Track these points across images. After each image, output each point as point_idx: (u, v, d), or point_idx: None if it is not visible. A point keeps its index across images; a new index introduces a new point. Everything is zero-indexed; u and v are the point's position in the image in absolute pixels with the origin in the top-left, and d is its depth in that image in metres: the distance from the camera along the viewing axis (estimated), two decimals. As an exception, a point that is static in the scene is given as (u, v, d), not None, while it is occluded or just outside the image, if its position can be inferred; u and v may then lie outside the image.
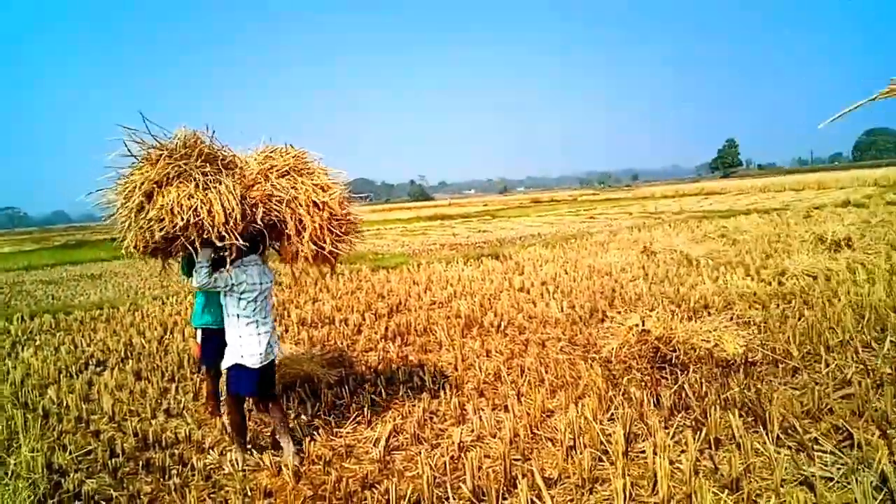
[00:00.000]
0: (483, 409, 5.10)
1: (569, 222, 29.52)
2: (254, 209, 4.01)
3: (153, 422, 5.50)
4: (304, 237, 4.18)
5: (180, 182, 3.72)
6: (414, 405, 5.34)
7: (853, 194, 29.93)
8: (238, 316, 4.28)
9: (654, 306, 8.04)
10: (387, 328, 8.37)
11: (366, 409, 5.34)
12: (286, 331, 8.73)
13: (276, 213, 4.15)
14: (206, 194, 3.72)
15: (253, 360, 4.30)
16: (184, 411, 5.77)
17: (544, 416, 4.92)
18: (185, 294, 12.59)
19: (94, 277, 19.02)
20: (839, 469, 3.66)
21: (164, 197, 3.67)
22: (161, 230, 3.68)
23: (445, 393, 5.56)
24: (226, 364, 4.40)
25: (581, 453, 4.00)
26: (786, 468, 3.68)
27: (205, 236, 3.75)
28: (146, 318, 10.44)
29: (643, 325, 5.92)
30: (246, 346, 4.29)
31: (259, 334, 4.32)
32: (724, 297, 8.43)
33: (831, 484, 3.54)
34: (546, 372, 5.89)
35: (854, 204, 23.89)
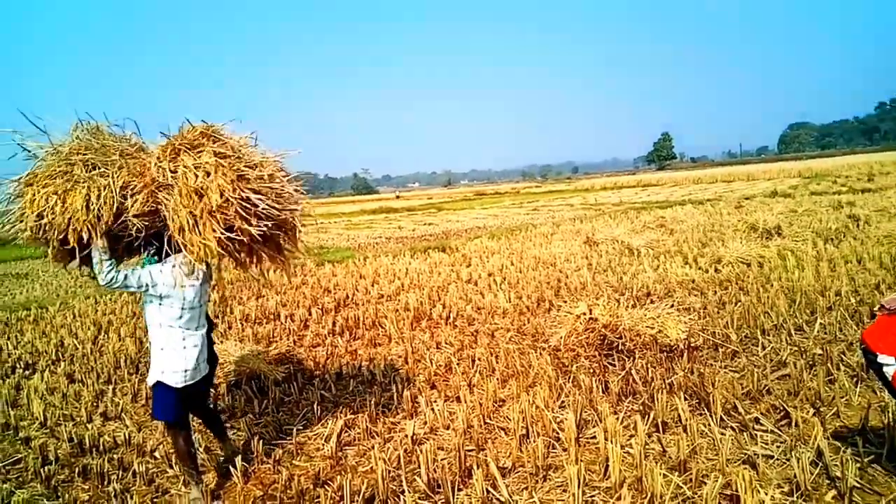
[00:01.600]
0: (435, 401, 5.08)
1: (513, 214, 29.83)
2: (134, 199, 3.46)
3: (89, 426, 5.23)
4: (202, 223, 3.42)
5: (51, 180, 3.40)
6: (365, 399, 5.27)
7: (780, 185, 31.47)
8: (160, 325, 3.66)
9: (599, 295, 8.21)
10: (334, 323, 8.24)
11: (315, 406, 5.23)
12: (229, 328, 8.47)
13: (158, 200, 3.51)
14: (70, 189, 3.37)
15: (175, 379, 3.66)
16: (122, 414, 5.51)
17: (496, 405, 4.94)
18: (122, 292, 12.03)
19: (20, 276, 17.98)
20: (779, 447, 3.82)
21: (24, 197, 3.43)
22: (25, 231, 3.42)
23: (397, 386, 5.51)
24: (148, 381, 3.75)
25: (534, 441, 4.04)
26: (730, 448, 3.82)
27: (61, 236, 3.40)
28: (78, 318, 9.92)
29: (590, 313, 6.02)
30: (168, 360, 3.66)
31: (185, 348, 3.68)
32: (665, 284, 8.69)
33: (772, 461, 3.69)
34: (496, 362, 5.92)
35: (781, 194, 25.07)
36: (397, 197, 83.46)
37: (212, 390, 5.15)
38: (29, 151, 3.56)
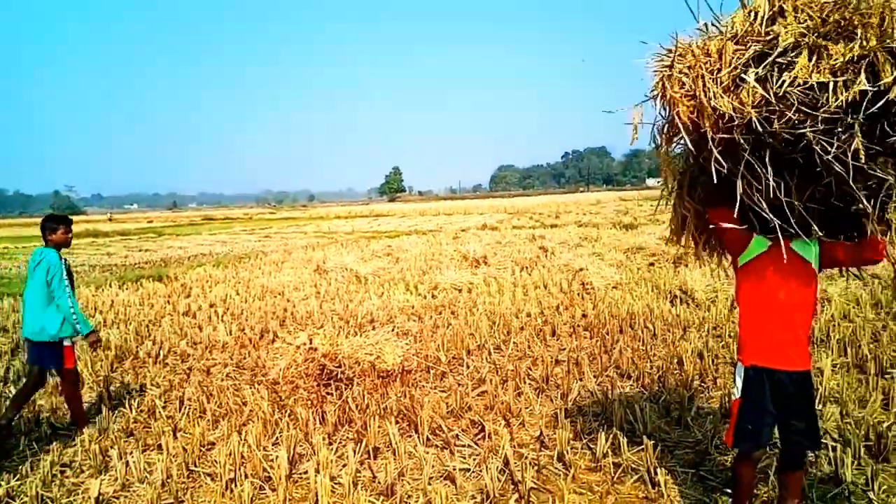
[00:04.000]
0: (131, 453, 4.48)
1: (243, 241, 28.53)
2: None
3: None
4: None
5: None
6: (39, 459, 4.41)
7: (489, 219, 35.49)
8: None
9: (324, 323, 8.22)
10: (8, 368, 6.82)
11: (-35, 476, 4.20)
12: None
13: None
14: None
15: None
16: None
17: (204, 449, 4.55)
18: None
19: None
20: (474, 459, 4.18)
21: None
22: None
23: (84, 439, 4.73)
24: None
25: (241, 485, 3.79)
26: (433, 466, 4.06)
27: None
28: None
29: (311, 343, 5.96)
30: None
31: None
32: (387, 311, 9.07)
33: (469, 474, 4.01)
34: (208, 401, 5.48)
35: (490, 227, 28.31)
36: (110, 219, 73.63)
37: None
38: None
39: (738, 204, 2.76)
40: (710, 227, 3.22)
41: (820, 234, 2.87)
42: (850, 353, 5.89)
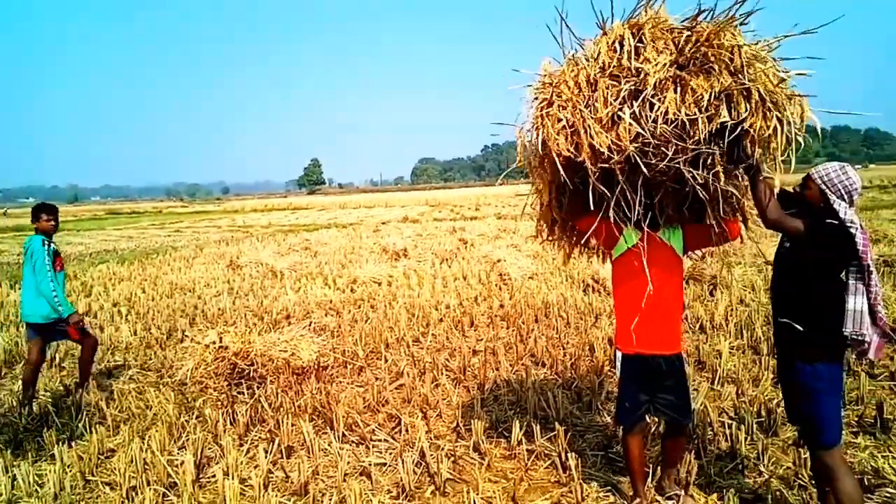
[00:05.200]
0: (17, 466, 4.14)
1: (152, 236, 27.15)
2: None
3: None
4: None
5: None
6: None
7: (410, 212, 35.48)
8: None
9: (237, 321, 7.93)
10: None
11: None
12: None
13: None
14: None
15: None
16: None
17: (103, 457, 4.28)
18: None
19: None
20: (391, 453, 4.14)
21: None
22: None
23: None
24: None
25: (143, 493, 3.59)
26: (348, 462, 3.99)
27: None
28: None
29: (220, 341, 5.72)
30: None
31: None
32: (304, 306, 8.86)
33: (385, 468, 3.98)
34: (108, 406, 5.16)
35: (411, 220, 28.27)
36: (5, 213, 67.90)
37: None
38: None
39: (610, 214, 3.01)
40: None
41: (682, 220, 3.23)
42: (745, 335, 6.28)
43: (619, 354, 3.26)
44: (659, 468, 3.51)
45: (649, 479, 3.42)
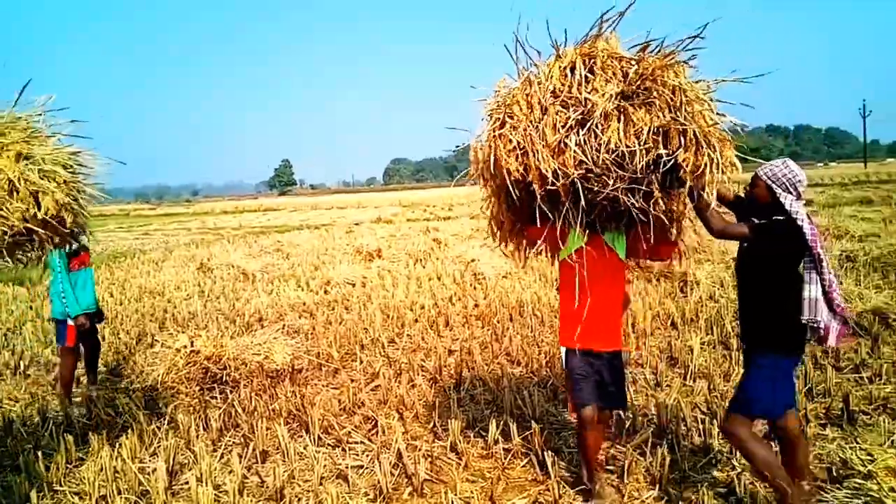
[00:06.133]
0: (-20, 478, 4.02)
1: (119, 239, 26.57)
2: None
3: None
4: None
5: None
6: None
7: (384, 213, 35.32)
8: None
9: (208, 324, 7.81)
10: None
11: None
12: None
13: None
14: None
15: None
16: None
17: (71, 466, 4.17)
18: None
19: None
20: (367, 455, 4.12)
21: None
22: None
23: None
24: None
25: (113, 503, 3.50)
26: (325, 465, 3.96)
27: None
28: None
29: (192, 345, 5.62)
30: None
31: None
32: (277, 308, 8.76)
33: (362, 471, 3.95)
34: (76, 413, 5.03)
35: (384, 221, 28.17)
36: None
37: None
38: None
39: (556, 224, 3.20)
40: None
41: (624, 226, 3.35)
42: (715, 331, 6.39)
43: (564, 350, 3.42)
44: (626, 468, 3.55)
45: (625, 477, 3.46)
